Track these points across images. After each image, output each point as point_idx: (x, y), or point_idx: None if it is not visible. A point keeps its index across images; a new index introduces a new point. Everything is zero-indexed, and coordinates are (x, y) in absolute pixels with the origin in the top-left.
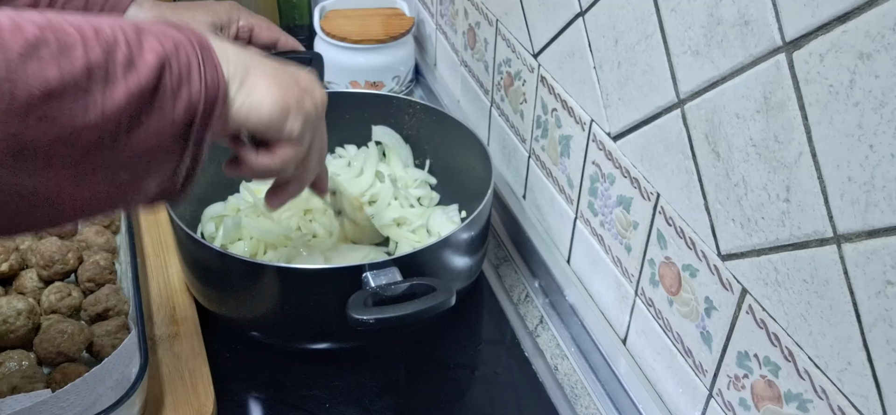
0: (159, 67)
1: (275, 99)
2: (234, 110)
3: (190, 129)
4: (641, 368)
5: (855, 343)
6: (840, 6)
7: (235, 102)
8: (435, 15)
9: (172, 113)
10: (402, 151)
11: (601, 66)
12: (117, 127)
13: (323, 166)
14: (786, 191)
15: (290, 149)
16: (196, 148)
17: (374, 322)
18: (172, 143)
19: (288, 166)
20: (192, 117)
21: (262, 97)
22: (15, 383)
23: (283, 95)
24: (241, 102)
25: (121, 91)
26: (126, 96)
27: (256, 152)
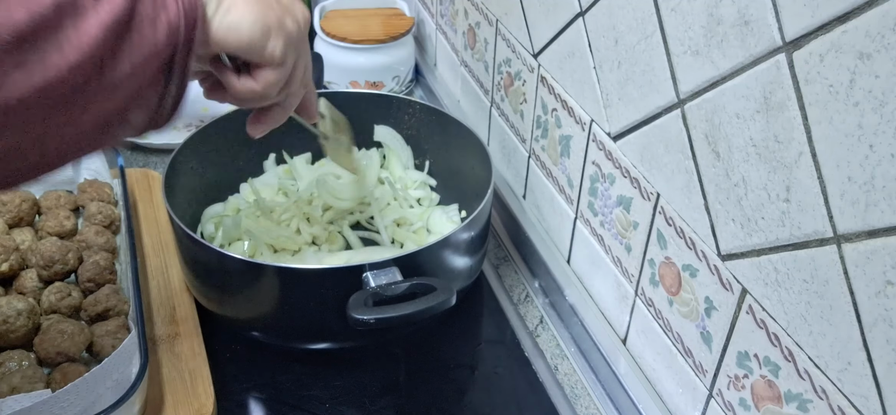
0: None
1: (254, 18)
2: (213, 31)
3: (173, 54)
4: (641, 368)
5: (855, 343)
6: (840, 6)
7: (213, 22)
8: (435, 15)
9: (154, 39)
10: (403, 152)
11: (601, 66)
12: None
13: (310, 88)
14: (786, 191)
15: (272, 72)
16: (181, 75)
17: (374, 322)
18: (156, 70)
19: (271, 90)
20: (173, 43)
21: (241, 16)
22: (15, 383)
23: (263, 14)
24: (219, 22)
25: (93, 23)
26: (99, 28)
27: (238, 76)
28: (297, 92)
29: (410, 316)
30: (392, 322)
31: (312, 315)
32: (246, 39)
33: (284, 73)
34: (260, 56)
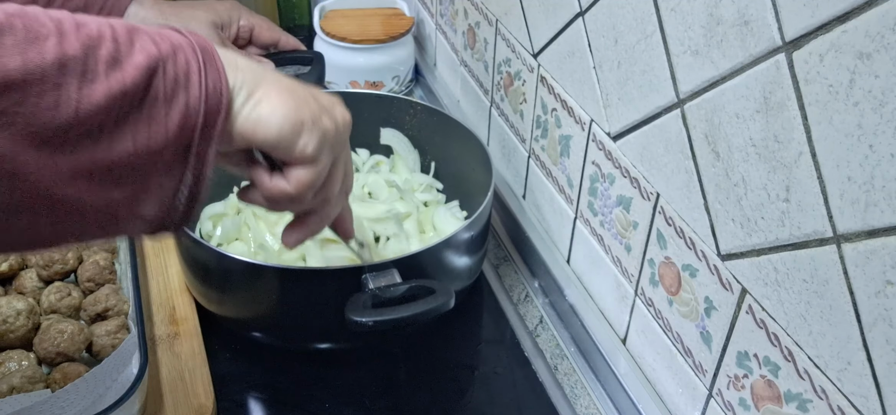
0: (150, 69)
1: (286, 111)
2: (240, 123)
3: (190, 143)
4: (641, 368)
5: (855, 343)
6: (840, 6)
7: (241, 114)
8: (435, 15)
9: (165, 121)
10: (410, 155)
11: (601, 66)
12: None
13: (346, 207)
14: (786, 191)
15: (305, 171)
16: (198, 165)
17: (372, 324)
18: (171, 158)
19: (305, 192)
20: (191, 129)
21: (272, 109)
22: (15, 383)
23: (296, 109)
24: (248, 115)
25: (100, 90)
26: (106, 96)
27: (270, 175)
28: (336, 199)
29: (408, 319)
30: (390, 325)
31: (312, 316)
32: (275, 134)
33: (319, 173)
34: (290, 153)
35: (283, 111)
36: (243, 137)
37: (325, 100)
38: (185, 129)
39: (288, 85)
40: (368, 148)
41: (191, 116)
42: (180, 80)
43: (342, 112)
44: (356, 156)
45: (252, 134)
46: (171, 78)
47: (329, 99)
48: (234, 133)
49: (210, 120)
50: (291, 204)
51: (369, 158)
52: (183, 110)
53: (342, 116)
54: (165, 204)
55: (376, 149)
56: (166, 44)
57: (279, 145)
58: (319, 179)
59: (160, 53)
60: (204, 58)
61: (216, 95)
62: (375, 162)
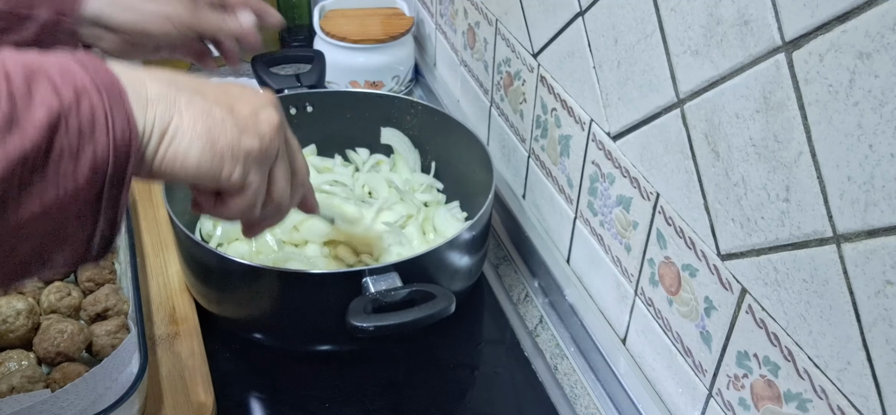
0: (51, 127)
1: (202, 147)
2: (157, 164)
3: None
4: (641, 367)
5: (854, 343)
6: (840, 6)
7: (157, 156)
8: (434, 15)
9: (74, 177)
10: (411, 155)
11: (601, 66)
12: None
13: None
14: (785, 191)
15: (237, 198)
16: (111, 212)
17: (373, 330)
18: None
19: (244, 214)
20: (100, 179)
21: (187, 146)
22: (15, 383)
23: (212, 141)
24: (163, 155)
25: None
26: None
27: (210, 200)
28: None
29: (409, 324)
30: (391, 330)
31: (312, 319)
32: (193, 171)
33: (253, 195)
34: (216, 185)
35: (198, 147)
36: (164, 176)
37: (247, 111)
38: (95, 180)
39: (202, 110)
40: (369, 147)
41: (99, 167)
42: (85, 131)
43: (268, 119)
44: (356, 155)
45: (171, 173)
46: (75, 131)
47: (252, 107)
48: (154, 172)
49: (120, 168)
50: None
51: (369, 157)
52: (91, 162)
53: (269, 125)
54: (79, 249)
55: (376, 148)
56: (69, 90)
57: (201, 181)
58: (256, 198)
59: (62, 105)
60: (110, 101)
61: (124, 142)
62: (376, 161)
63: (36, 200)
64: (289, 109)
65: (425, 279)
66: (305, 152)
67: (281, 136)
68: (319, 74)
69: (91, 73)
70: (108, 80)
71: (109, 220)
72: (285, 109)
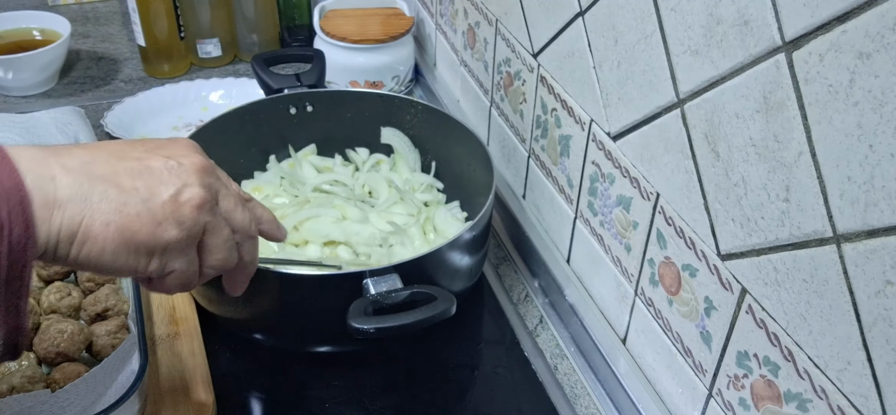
0: None
1: (115, 250)
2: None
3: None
4: (641, 367)
5: (854, 343)
6: (840, 6)
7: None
8: (435, 15)
9: None
10: (411, 154)
11: (601, 66)
12: None
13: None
14: (785, 191)
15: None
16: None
17: (374, 331)
18: None
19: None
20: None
21: (99, 251)
22: (15, 383)
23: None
24: (75, 255)
25: None
26: None
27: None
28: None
29: (410, 326)
30: (392, 332)
31: (312, 320)
32: (109, 269)
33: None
34: (141, 276)
35: (112, 249)
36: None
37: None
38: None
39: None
40: (369, 147)
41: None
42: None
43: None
44: (356, 155)
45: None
46: None
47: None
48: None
49: (14, 274)
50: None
51: (369, 156)
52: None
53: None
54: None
55: (376, 148)
56: None
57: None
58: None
59: None
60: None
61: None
62: (376, 161)
63: None
64: (289, 108)
65: (426, 280)
66: (305, 152)
67: (207, 210)
68: (319, 74)
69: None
70: (11, 185)
71: (11, 325)
72: (285, 109)
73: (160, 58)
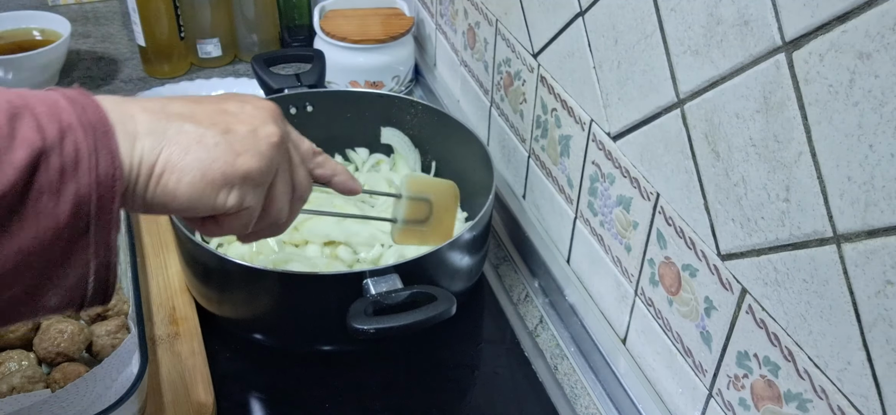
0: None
1: (192, 180)
2: (150, 198)
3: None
4: (641, 367)
5: (854, 343)
6: (840, 6)
7: (148, 190)
8: (435, 15)
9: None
10: (411, 154)
11: (601, 66)
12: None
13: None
14: (785, 191)
15: (232, 219)
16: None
17: (374, 332)
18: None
19: (239, 231)
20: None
21: (177, 181)
22: (15, 383)
23: (204, 169)
24: (153, 190)
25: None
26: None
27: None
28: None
29: (410, 326)
30: (392, 332)
31: (312, 320)
32: (186, 203)
33: (248, 216)
34: (211, 211)
35: (189, 179)
36: (157, 208)
37: (245, 130)
38: (78, 220)
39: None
40: (368, 147)
41: (82, 205)
42: (68, 168)
43: (268, 135)
44: (356, 155)
45: (165, 207)
46: (56, 169)
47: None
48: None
49: (104, 206)
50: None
51: (369, 156)
52: (72, 201)
53: (267, 143)
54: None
55: (377, 148)
56: (53, 128)
57: (195, 211)
58: (251, 219)
59: (44, 143)
60: (95, 139)
61: (108, 180)
62: (376, 161)
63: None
64: (289, 108)
65: (426, 280)
66: None
67: (281, 152)
68: (319, 74)
69: (78, 111)
70: (95, 118)
71: (102, 262)
72: (285, 109)
73: (160, 58)
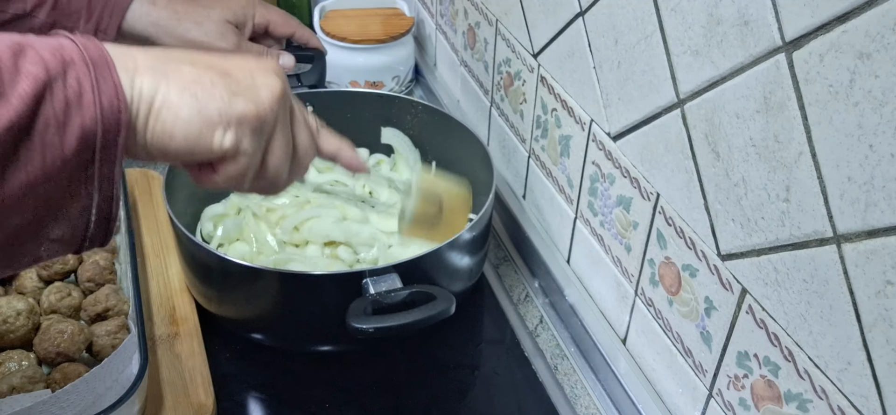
0: (37, 96)
1: (188, 116)
2: (148, 140)
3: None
4: (641, 368)
5: (855, 343)
6: (840, 6)
7: (147, 130)
8: (435, 15)
9: (61, 147)
10: (411, 154)
11: (601, 66)
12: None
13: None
14: (786, 191)
15: (231, 164)
16: (105, 185)
17: (373, 331)
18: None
19: (236, 183)
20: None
21: (173, 118)
22: (15, 383)
23: (201, 106)
24: (152, 128)
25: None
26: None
27: (199, 168)
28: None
29: (409, 326)
30: (391, 332)
31: (312, 320)
32: (183, 144)
33: (246, 163)
34: (207, 154)
35: (185, 115)
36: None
37: (243, 75)
38: (84, 151)
39: (192, 77)
40: (369, 147)
41: (88, 138)
42: (72, 101)
43: (268, 84)
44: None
45: (161, 149)
46: (61, 101)
47: (250, 71)
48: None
49: (109, 139)
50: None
51: (370, 157)
52: (78, 132)
53: (268, 90)
54: (76, 225)
55: (377, 148)
56: (56, 61)
57: (191, 153)
58: (250, 167)
59: (48, 75)
60: (97, 72)
61: (113, 113)
62: (376, 161)
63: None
64: None
65: (426, 280)
66: None
67: (282, 105)
68: (320, 74)
69: (80, 47)
70: (96, 53)
71: (105, 194)
72: None
73: None
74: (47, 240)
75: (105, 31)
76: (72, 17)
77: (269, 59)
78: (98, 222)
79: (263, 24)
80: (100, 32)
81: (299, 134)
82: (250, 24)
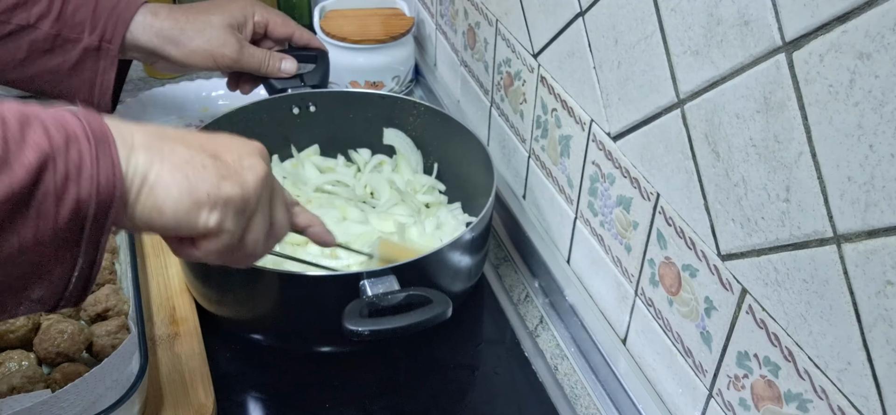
0: (39, 167)
1: (179, 196)
2: (138, 214)
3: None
4: (641, 368)
5: (855, 343)
6: (840, 6)
7: (138, 204)
8: (435, 15)
9: (55, 217)
10: (413, 155)
11: (601, 66)
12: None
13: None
14: (786, 191)
15: (213, 241)
16: (91, 252)
17: (368, 334)
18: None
19: (215, 258)
20: (81, 220)
21: (164, 196)
22: (15, 383)
23: (191, 186)
24: (143, 205)
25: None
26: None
27: (179, 242)
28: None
29: (405, 329)
30: (386, 334)
31: (310, 321)
32: (171, 221)
33: (228, 241)
34: (192, 231)
35: (175, 196)
36: (141, 226)
37: (232, 159)
38: (76, 221)
39: (184, 158)
40: (371, 148)
41: (82, 209)
42: (72, 174)
43: (254, 167)
44: (358, 155)
45: (151, 223)
46: (61, 173)
47: (238, 154)
48: (133, 221)
49: (101, 211)
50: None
51: (372, 157)
52: (73, 204)
53: (253, 174)
54: (56, 288)
55: (379, 149)
56: (60, 135)
57: (179, 229)
58: (227, 245)
59: (52, 148)
60: (97, 148)
61: (108, 188)
62: (378, 162)
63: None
64: (292, 108)
65: (426, 281)
66: (308, 152)
67: (265, 187)
68: (323, 74)
69: (83, 122)
70: (98, 129)
71: (89, 260)
72: (288, 109)
73: None
74: (28, 300)
75: (110, 42)
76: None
77: (256, 143)
78: (77, 284)
79: (263, 25)
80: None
81: (277, 212)
82: (250, 25)
